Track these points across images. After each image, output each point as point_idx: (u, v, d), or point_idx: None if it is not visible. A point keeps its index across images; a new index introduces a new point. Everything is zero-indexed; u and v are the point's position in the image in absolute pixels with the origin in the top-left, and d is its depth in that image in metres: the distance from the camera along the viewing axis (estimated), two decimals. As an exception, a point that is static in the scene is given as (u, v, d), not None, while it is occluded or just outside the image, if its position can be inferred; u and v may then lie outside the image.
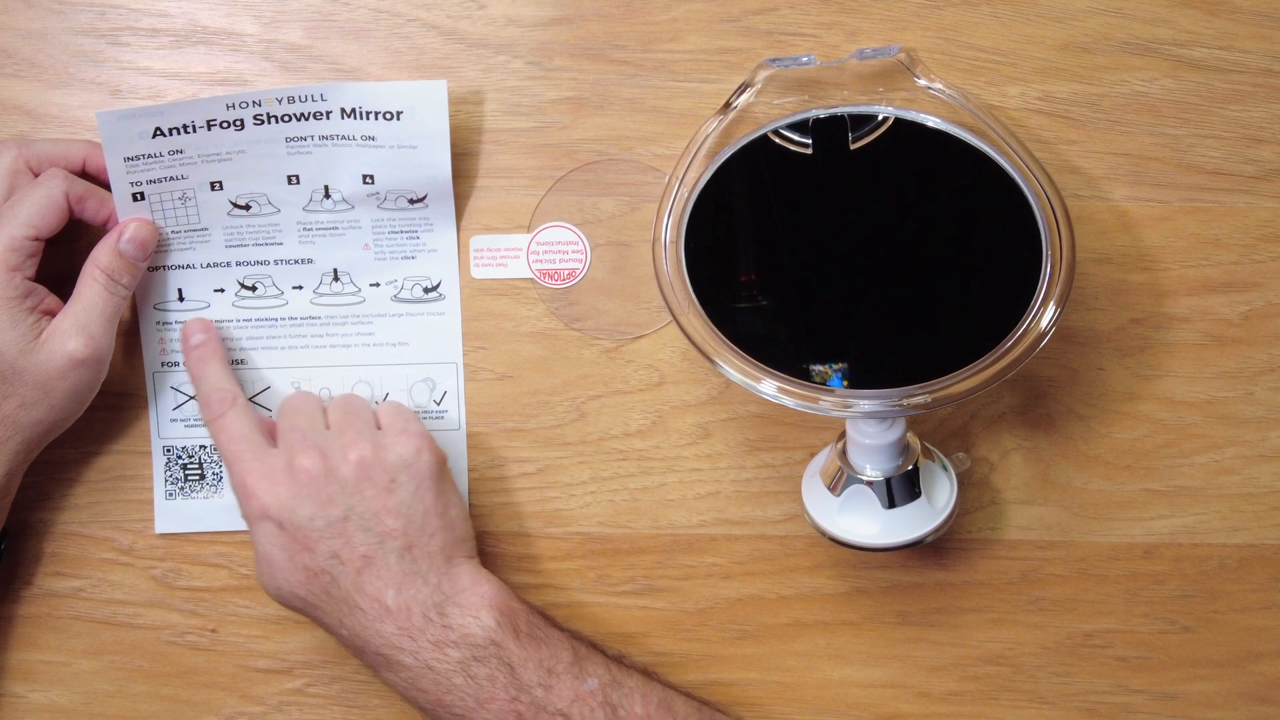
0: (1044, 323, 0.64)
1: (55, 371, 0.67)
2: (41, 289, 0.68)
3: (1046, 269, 0.64)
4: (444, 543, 0.67)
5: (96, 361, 0.68)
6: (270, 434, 0.69)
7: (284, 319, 0.73)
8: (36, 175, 0.69)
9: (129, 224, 0.69)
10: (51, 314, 0.68)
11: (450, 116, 0.69)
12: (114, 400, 0.73)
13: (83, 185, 0.68)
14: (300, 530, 0.66)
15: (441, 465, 0.68)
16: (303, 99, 0.67)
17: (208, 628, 0.75)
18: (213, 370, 0.70)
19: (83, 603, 0.74)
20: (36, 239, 0.67)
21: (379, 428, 0.68)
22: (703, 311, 0.66)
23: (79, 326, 0.67)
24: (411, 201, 0.71)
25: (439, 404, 0.73)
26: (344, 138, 0.68)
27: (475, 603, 0.66)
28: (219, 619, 0.75)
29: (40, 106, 0.72)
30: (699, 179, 0.66)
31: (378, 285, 0.72)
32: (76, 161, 0.69)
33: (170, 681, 0.75)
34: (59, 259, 0.71)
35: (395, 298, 0.73)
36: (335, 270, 0.72)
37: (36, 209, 0.67)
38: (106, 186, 0.70)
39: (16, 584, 0.74)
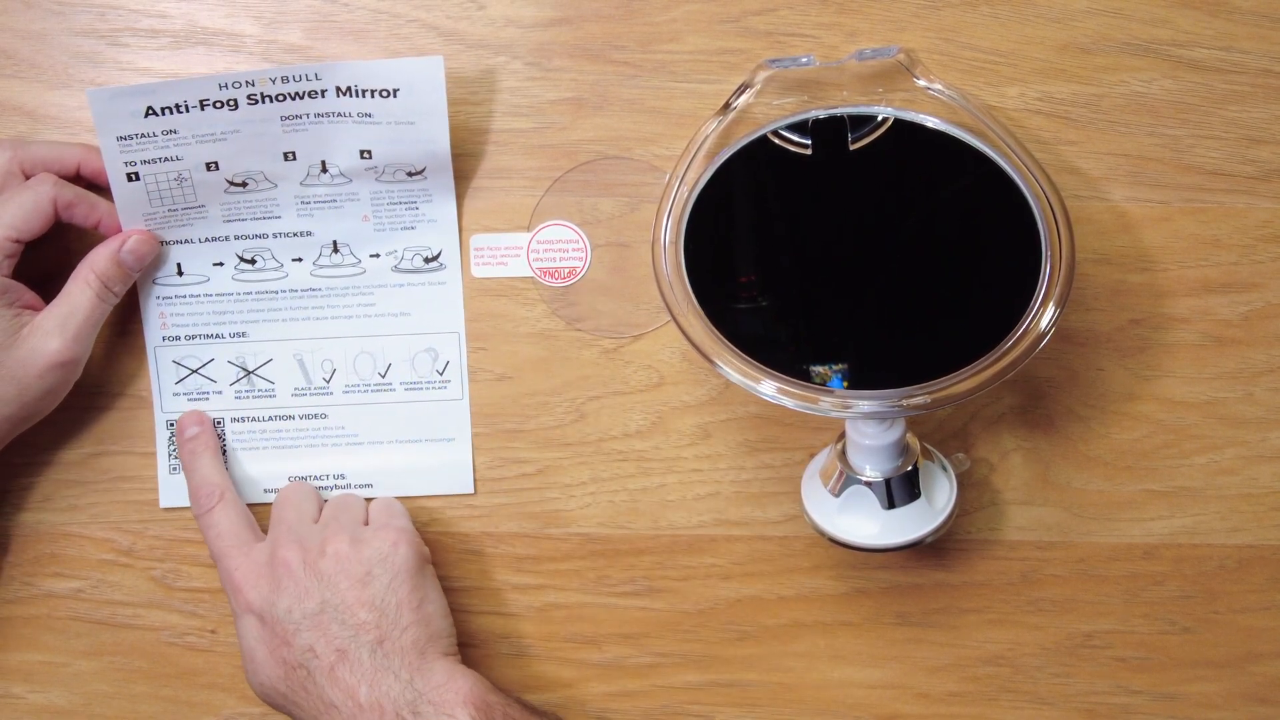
0: (1044, 323, 0.64)
1: (33, 370, 0.67)
2: (19, 285, 0.68)
3: (1046, 269, 0.64)
4: (416, 637, 0.66)
5: (74, 364, 0.68)
6: (260, 529, 0.71)
7: (284, 291, 0.73)
8: (28, 178, 0.69)
9: (131, 235, 0.69)
10: (31, 309, 0.68)
11: (450, 117, 0.69)
12: (114, 400, 0.73)
13: (72, 191, 0.68)
14: (279, 623, 0.66)
15: (420, 561, 0.69)
16: (297, 78, 0.67)
17: (207, 628, 0.75)
18: (203, 463, 0.72)
19: (82, 603, 0.74)
20: (17, 241, 0.67)
21: (367, 524, 0.70)
22: (702, 312, 0.65)
23: (62, 327, 0.67)
24: (410, 174, 0.71)
25: (441, 374, 0.73)
26: (340, 115, 0.68)
27: (450, 699, 0.64)
28: (219, 620, 0.75)
29: (40, 107, 0.72)
30: (699, 179, 0.66)
31: (378, 256, 0.72)
32: (71, 164, 0.69)
33: (170, 682, 0.75)
34: (45, 260, 0.71)
35: (396, 268, 0.73)
36: (335, 242, 0.72)
37: (21, 212, 0.67)
38: (101, 190, 0.70)
39: (16, 584, 0.74)
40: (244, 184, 0.70)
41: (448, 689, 0.65)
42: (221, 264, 0.72)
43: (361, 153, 0.70)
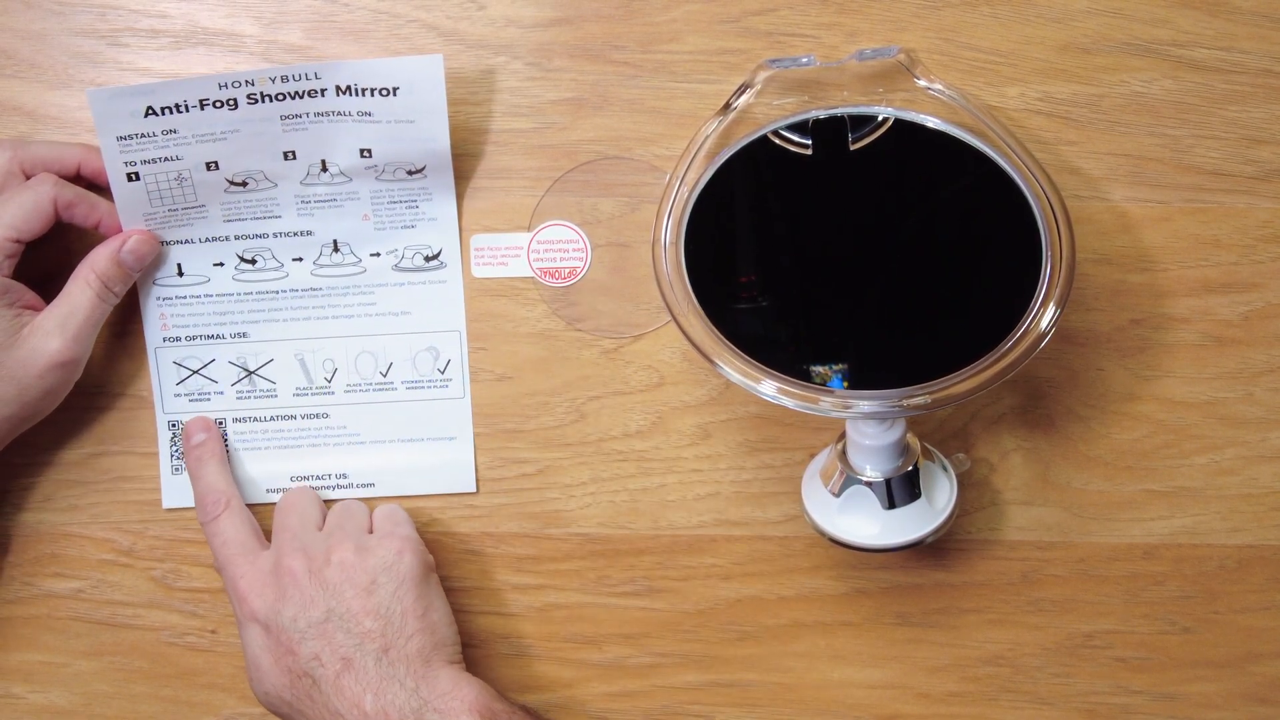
0: (1044, 323, 0.64)
1: (34, 370, 0.67)
2: (20, 285, 0.68)
3: (1046, 269, 0.64)
4: (422, 645, 0.66)
5: (75, 364, 0.68)
6: (264, 535, 0.71)
7: (285, 291, 0.73)
8: (28, 178, 0.69)
9: (132, 235, 0.69)
10: (31, 309, 0.68)
11: (450, 117, 0.69)
12: (114, 400, 0.73)
13: (72, 191, 0.68)
14: (284, 632, 0.66)
15: (425, 569, 0.69)
16: (297, 78, 0.67)
17: (208, 629, 0.75)
18: (209, 470, 0.72)
19: (83, 603, 0.74)
20: (17, 241, 0.67)
21: (371, 531, 0.70)
22: (702, 312, 0.65)
23: (62, 328, 0.67)
24: (410, 173, 0.71)
25: (443, 372, 0.73)
26: (340, 114, 0.68)
27: (455, 707, 0.64)
28: (219, 620, 0.75)
29: (40, 107, 0.72)
30: (699, 179, 0.66)
31: (378, 255, 0.72)
32: (71, 164, 0.69)
33: (170, 682, 0.75)
34: (45, 260, 0.71)
35: (396, 267, 0.73)
36: (335, 241, 0.72)
37: (21, 212, 0.67)
38: (101, 190, 0.70)
39: (16, 584, 0.74)
40: (244, 183, 0.70)
41: (453, 697, 0.65)
42: (222, 264, 0.72)
43: (361, 151, 0.70)
